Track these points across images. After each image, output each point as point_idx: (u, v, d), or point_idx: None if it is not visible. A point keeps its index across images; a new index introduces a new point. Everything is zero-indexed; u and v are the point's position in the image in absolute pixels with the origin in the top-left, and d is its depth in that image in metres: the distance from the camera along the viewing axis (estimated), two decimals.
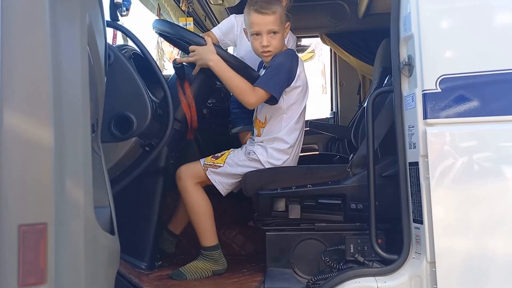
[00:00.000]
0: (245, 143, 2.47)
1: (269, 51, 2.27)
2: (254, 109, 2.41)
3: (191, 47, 2.22)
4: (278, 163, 2.27)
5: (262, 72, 2.38)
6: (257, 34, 2.26)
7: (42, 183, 0.89)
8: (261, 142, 2.32)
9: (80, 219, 1.01)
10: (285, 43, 2.40)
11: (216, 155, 2.33)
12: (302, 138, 2.38)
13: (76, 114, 1.03)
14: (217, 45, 2.25)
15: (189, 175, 2.28)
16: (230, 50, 4.21)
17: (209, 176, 2.27)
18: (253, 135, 2.44)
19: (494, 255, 1.73)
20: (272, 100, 2.22)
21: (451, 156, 1.73)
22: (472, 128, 1.74)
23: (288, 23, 2.35)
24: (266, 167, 2.26)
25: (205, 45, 2.21)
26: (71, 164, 0.99)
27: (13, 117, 0.88)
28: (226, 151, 2.35)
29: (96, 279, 1.16)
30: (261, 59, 2.44)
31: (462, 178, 1.72)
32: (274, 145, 2.29)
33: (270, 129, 2.33)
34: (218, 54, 2.18)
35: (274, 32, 2.25)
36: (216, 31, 2.88)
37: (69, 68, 1.00)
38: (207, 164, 2.28)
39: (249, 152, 2.29)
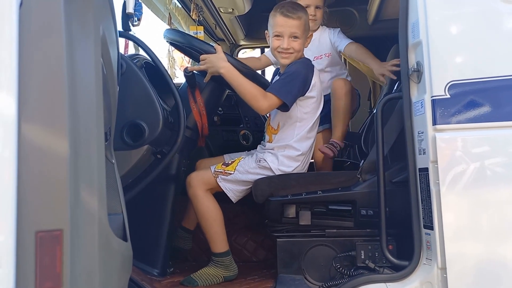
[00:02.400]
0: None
1: (289, 53, 2.30)
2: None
3: (202, 56, 2.25)
4: (289, 170, 2.29)
5: (277, 78, 2.41)
6: (279, 35, 2.30)
7: (58, 191, 0.92)
8: (272, 149, 2.34)
9: (94, 225, 1.04)
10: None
11: (226, 162, 2.35)
12: (313, 147, 2.40)
13: (91, 123, 1.06)
14: (227, 53, 2.28)
15: (199, 182, 2.30)
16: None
17: (219, 183, 2.28)
18: (264, 141, 2.46)
19: (505, 260, 1.72)
20: (284, 107, 2.24)
21: (461, 161, 1.73)
22: (482, 134, 1.75)
23: (310, 33, 2.41)
24: (277, 174, 2.27)
25: (215, 53, 2.24)
26: (86, 172, 1.02)
27: (31, 127, 0.91)
28: (236, 158, 2.37)
29: (110, 284, 1.18)
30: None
31: (472, 184, 1.72)
32: (285, 152, 2.30)
33: (282, 136, 2.35)
34: (228, 61, 2.21)
35: (296, 37, 2.28)
36: (268, 53, 2.99)
37: (84, 79, 1.03)
38: (217, 171, 2.30)
39: (259, 160, 2.30)
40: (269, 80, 2.67)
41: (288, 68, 2.30)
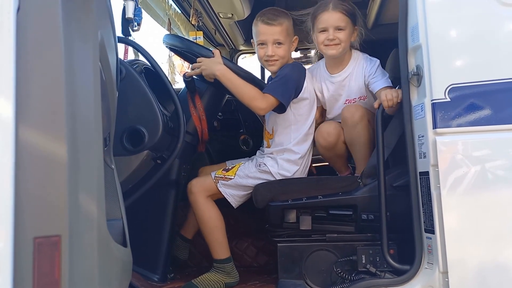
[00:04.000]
0: None
1: (274, 60, 2.31)
2: None
3: (198, 59, 2.26)
4: (289, 174, 2.28)
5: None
6: (263, 43, 2.32)
7: (56, 197, 0.91)
8: (271, 153, 2.34)
9: (93, 231, 1.03)
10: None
11: (227, 168, 2.35)
12: (311, 149, 2.39)
13: (89, 129, 1.05)
14: (224, 57, 2.29)
15: (200, 188, 2.29)
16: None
17: (220, 189, 2.28)
18: (262, 147, 2.46)
19: (507, 264, 1.71)
20: (281, 108, 2.24)
21: (462, 165, 1.73)
22: (482, 137, 1.74)
23: (295, 37, 2.38)
24: (277, 178, 2.27)
25: (213, 57, 2.24)
26: (85, 178, 1.01)
27: (29, 133, 0.90)
28: (237, 163, 2.36)
29: None
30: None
31: (473, 187, 1.72)
32: (284, 156, 2.30)
33: (279, 140, 2.35)
34: (224, 64, 2.21)
35: (279, 43, 2.30)
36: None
37: (82, 85, 1.03)
38: (218, 176, 2.30)
39: (259, 164, 2.30)
40: None
41: (280, 71, 2.31)
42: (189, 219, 2.52)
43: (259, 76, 4.00)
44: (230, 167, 2.34)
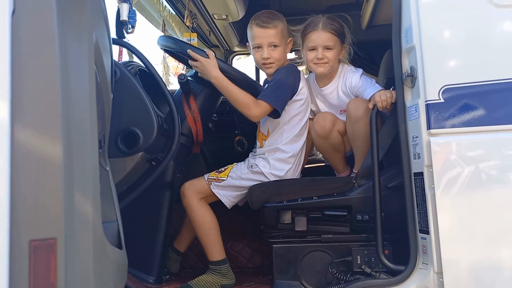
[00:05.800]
0: None
1: (270, 63, 2.32)
2: None
3: (195, 57, 2.22)
4: (281, 173, 2.29)
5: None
6: (258, 47, 2.33)
7: (52, 199, 0.91)
8: (263, 154, 2.35)
9: (89, 233, 1.03)
10: None
11: (219, 169, 2.36)
12: (304, 149, 2.40)
13: (84, 131, 1.05)
14: (219, 59, 2.28)
15: (193, 191, 2.30)
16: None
17: (213, 190, 2.28)
18: (255, 148, 2.46)
19: (501, 264, 1.72)
20: (275, 113, 2.25)
21: (456, 165, 1.74)
22: (476, 138, 1.75)
23: (290, 38, 2.39)
24: (270, 179, 2.27)
25: (207, 57, 2.23)
26: (80, 180, 1.01)
27: (24, 135, 0.90)
28: (229, 165, 2.37)
29: None
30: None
31: (467, 188, 1.73)
32: (276, 155, 2.31)
33: (272, 141, 2.36)
34: (220, 67, 2.21)
35: (275, 46, 2.31)
36: None
37: (77, 86, 1.03)
38: (211, 178, 2.30)
39: (251, 165, 2.31)
40: None
41: (274, 75, 2.32)
42: (183, 231, 2.50)
43: (253, 77, 4.00)
44: (223, 169, 2.34)
